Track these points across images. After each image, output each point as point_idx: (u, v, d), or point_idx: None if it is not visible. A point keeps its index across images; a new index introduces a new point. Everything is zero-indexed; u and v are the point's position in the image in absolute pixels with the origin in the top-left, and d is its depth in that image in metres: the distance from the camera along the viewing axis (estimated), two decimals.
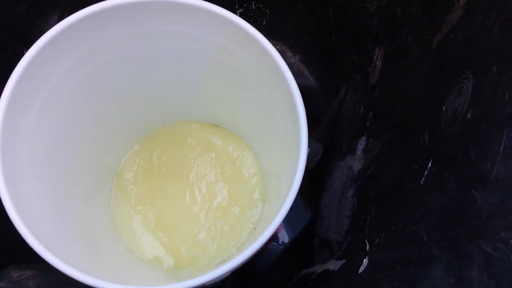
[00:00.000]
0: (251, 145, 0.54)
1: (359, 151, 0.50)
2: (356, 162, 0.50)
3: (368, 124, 0.49)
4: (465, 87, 0.29)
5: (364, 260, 0.38)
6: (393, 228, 0.35)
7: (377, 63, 0.48)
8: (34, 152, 0.38)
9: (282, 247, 0.61)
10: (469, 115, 0.27)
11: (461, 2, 0.33)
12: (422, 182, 0.32)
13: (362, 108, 0.52)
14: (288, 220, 0.61)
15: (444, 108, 0.31)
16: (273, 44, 0.35)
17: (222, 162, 0.54)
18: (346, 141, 0.55)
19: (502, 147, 0.22)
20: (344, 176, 0.53)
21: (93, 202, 0.50)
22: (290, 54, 0.62)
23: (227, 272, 0.32)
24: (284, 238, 0.61)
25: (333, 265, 0.47)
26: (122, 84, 0.45)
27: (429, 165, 0.31)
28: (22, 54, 0.33)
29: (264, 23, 0.59)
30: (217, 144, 0.54)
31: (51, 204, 0.39)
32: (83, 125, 0.45)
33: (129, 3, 0.32)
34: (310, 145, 0.60)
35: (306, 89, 0.63)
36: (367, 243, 0.40)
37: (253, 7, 0.57)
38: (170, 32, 0.37)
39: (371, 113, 0.49)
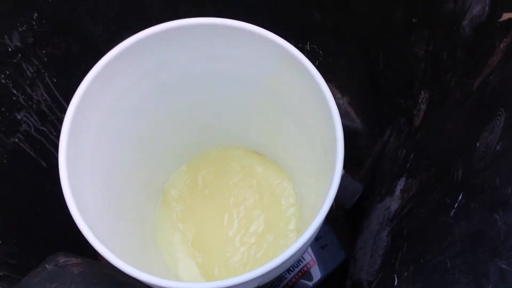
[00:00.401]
0: (291, 176, 0.56)
1: (397, 192, 0.51)
2: (393, 203, 0.51)
3: (408, 165, 0.49)
4: (498, 123, 0.30)
5: None
6: (421, 260, 0.35)
7: (422, 106, 0.50)
8: (93, 164, 0.41)
9: (312, 284, 0.61)
10: (498, 147, 0.28)
11: (501, 46, 0.35)
12: (451, 214, 0.32)
13: (404, 150, 0.53)
14: (322, 257, 0.61)
15: (478, 144, 0.32)
16: None
17: (262, 189, 0.56)
18: (386, 183, 0.55)
19: None
20: (381, 217, 0.54)
21: (140, 214, 0.53)
22: (339, 95, 0.64)
23: (253, 280, 0.34)
24: (316, 275, 0.61)
25: None
26: (176, 105, 0.49)
27: (460, 198, 0.32)
28: None
29: (316, 63, 0.62)
30: (259, 172, 0.57)
31: (105, 208, 0.42)
32: (137, 142, 0.49)
33: (193, 24, 0.37)
34: (349, 183, 0.61)
35: (352, 131, 0.65)
36: (396, 278, 0.40)
37: (308, 48, 0.60)
38: (227, 55, 0.41)
39: (412, 154, 0.49)
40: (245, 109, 0.50)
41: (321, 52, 0.61)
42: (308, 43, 0.60)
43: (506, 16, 0.35)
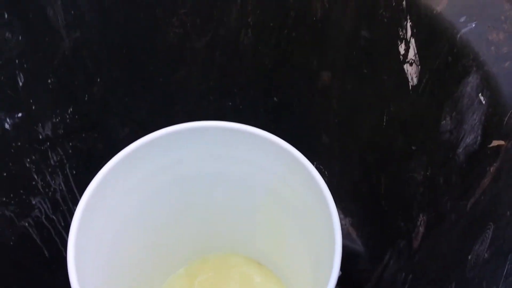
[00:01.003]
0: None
1: None
2: None
3: (406, 286, 0.49)
4: (487, 235, 0.31)
5: None
6: None
7: (420, 229, 0.51)
8: (95, 259, 0.42)
9: None
10: (486, 255, 0.29)
11: (491, 169, 0.37)
12: None
13: (403, 274, 0.53)
14: None
15: (469, 257, 0.33)
16: None
17: None
18: None
19: (505, 271, 0.23)
20: None
21: None
22: (341, 216, 0.66)
23: None
24: None
25: None
26: (178, 207, 0.51)
27: None
28: None
29: None
30: (257, 282, 0.56)
31: None
32: (138, 243, 0.50)
33: (205, 127, 0.41)
34: None
35: (353, 253, 0.65)
36: None
37: (315, 166, 0.64)
38: (236, 157, 0.45)
39: (410, 275, 0.49)
40: (249, 213, 0.52)
41: (326, 172, 0.65)
42: (315, 162, 0.64)
43: (495, 142, 0.38)
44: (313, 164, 0.65)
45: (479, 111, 0.42)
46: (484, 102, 0.41)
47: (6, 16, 0.38)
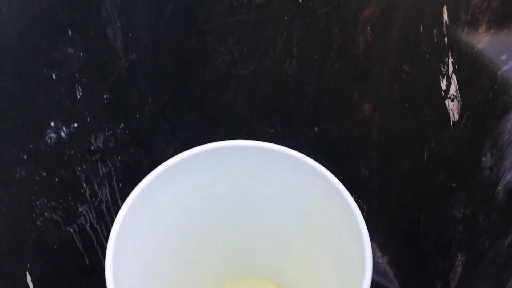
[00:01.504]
0: None
1: None
2: None
3: None
4: None
5: None
6: None
7: (458, 269, 0.49)
8: (131, 271, 0.43)
9: None
10: None
11: None
12: None
13: None
14: None
15: None
16: None
17: None
18: None
19: None
20: None
21: None
22: (379, 254, 0.64)
23: None
24: None
25: None
26: (212, 226, 0.52)
27: None
28: None
29: None
30: None
31: None
32: (169, 261, 0.51)
33: (243, 146, 0.42)
34: None
35: None
36: None
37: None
38: (269, 178, 0.46)
39: None
40: (282, 237, 0.52)
41: (365, 207, 0.64)
42: (353, 195, 0.63)
43: None
44: (352, 196, 0.65)
45: None
46: None
47: (70, 33, 0.42)
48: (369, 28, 0.47)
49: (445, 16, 0.42)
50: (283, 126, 0.60)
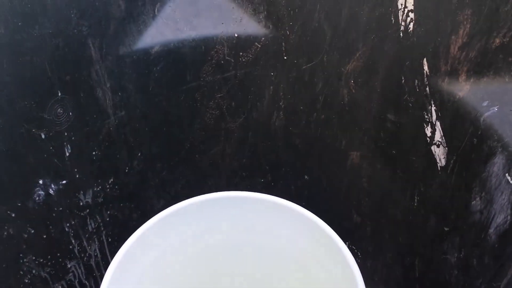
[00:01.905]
0: None
1: None
2: None
3: None
4: None
5: None
6: None
7: None
8: None
9: None
10: None
11: None
12: None
13: None
14: None
15: None
16: None
17: None
18: None
19: None
20: None
21: None
22: None
23: None
24: None
25: None
26: (205, 277, 0.51)
27: None
28: None
29: None
30: None
31: None
32: None
33: (233, 197, 0.42)
34: None
35: None
36: None
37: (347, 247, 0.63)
38: (261, 228, 0.45)
39: None
40: (272, 287, 0.51)
41: (359, 254, 0.63)
42: (347, 242, 0.63)
43: None
44: (345, 244, 0.64)
45: (507, 190, 0.42)
46: (511, 181, 0.41)
47: (59, 94, 0.43)
48: (352, 81, 0.49)
49: (426, 68, 0.44)
50: (273, 175, 0.60)
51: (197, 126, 0.56)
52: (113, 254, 0.56)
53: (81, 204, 0.50)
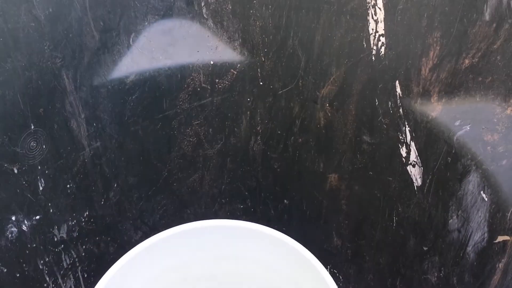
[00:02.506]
0: None
1: None
2: None
3: None
4: None
5: None
6: None
7: None
8: None
9: None
10: None
11: (500, 265, 0.37)
12: None
13: None
14: None
15: None
16: None
17: None
18: None
19: None
20: None
21: None
22: None
23: None
24: None
25: None
26: None
27: None
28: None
29: None
30: None
31: None
32: None
33: (211, 226, 0.42)
34: None
35: None
36: None
37: (328, 271, 0.63)
38: (241, 257, 0.45)
39: None
40: None
41: (341, 277, 0.63)
42: (328, 266, 0.63)
43: (500, 238, 0.38)
44: (326, 267, 0.64)
45: (483, 208, 0.43)
46: (486, 199, 0.42)
47: (32, 127, 0.42)
48: (328, 104, 0.49)
49: (398, 90, 0.45)
50: (252, 201, 0.60)
51: (175, 154, 0.55)
52: None
53: (56, 239, 0.48)
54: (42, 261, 0.48)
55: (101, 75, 0.45)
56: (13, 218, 0.44)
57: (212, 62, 0.48)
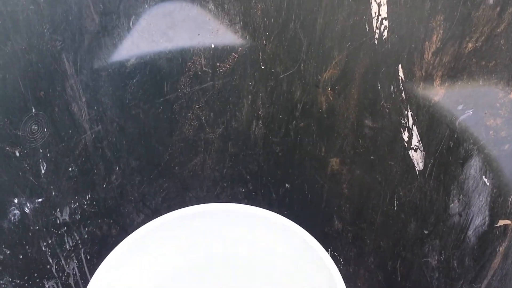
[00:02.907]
0: None
1: None
2: None
3: None
4: None
5: None
6: None
7: None
8: None
9: None
10: None
11: (501, 249, 0.37)
12: None
13: None
14: None
15: None
16: None
17: None
18: None
19: None
20: None
21: None
22: None
23: None
24: None
25: None
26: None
27: None
28: None
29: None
30: None
31: None
32: None
33: (214, 209, 0.42)
34: None
35: None
36: None
37: (329, 254, 0.63)
38: (244, 240, 0.45)
39: None
40: None
41: (341, 260, 0.64)
42: (329, 249, 0.63)
43: (501, 222, 0.38)
44: (327, 250, 0.64)
45: (485, 192, 0.43)
46: (488, 183, 0.42)
47: (33, 110, 0.42)
48: (329, 88, 0.49)
49: (401, 73, 0.44)
50: (254, 184, 0.60)
51: (176, 138, 0.55)
52: (92, 272, 0.54)
53: (58, 222, 0.49)
54: (45, 243, 0.48)
55: (102, 58, 0.45)
56: (16, 200, 0.45)
57: (213, 46, 0.48)
